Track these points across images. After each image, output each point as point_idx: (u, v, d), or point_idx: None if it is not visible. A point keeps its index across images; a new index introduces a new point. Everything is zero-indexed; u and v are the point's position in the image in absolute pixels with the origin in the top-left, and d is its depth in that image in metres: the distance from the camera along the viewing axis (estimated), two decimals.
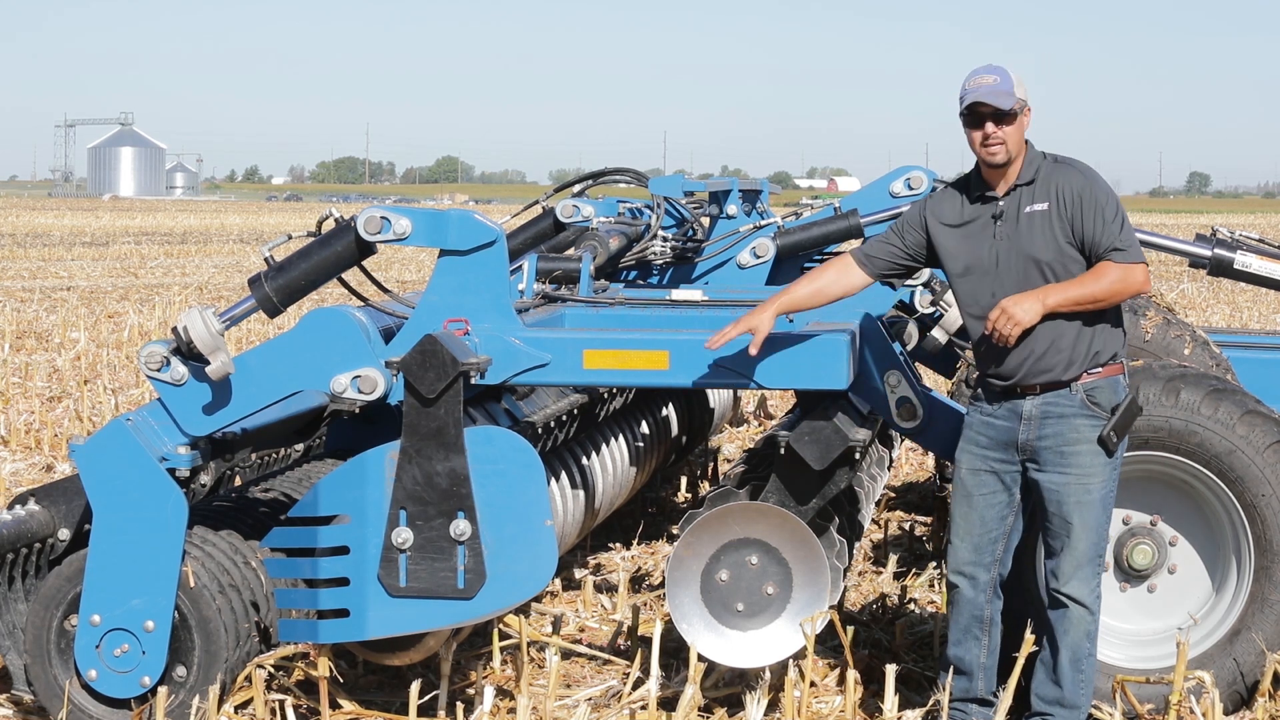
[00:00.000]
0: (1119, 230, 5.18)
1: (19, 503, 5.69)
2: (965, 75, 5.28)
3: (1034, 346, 5.18)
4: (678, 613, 5.65)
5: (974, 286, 5.29)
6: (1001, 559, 5.39)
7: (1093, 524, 5.25)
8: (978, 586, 5.39)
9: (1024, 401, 5.25)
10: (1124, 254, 5.16)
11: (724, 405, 10.17)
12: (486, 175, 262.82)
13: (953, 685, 5.47)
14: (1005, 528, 5.36)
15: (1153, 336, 7.31)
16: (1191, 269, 9.22)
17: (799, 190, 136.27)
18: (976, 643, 5.44)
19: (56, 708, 5.49)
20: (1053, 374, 5.21)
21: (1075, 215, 5.19)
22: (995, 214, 5.26)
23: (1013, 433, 5.27)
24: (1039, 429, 5.24)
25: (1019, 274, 5.21)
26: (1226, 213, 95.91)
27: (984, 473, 5.33)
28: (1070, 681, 5.33)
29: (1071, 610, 5.30)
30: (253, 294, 5.65)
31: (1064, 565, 5.28)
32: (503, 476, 5.24)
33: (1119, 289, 5.17)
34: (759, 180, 9.75)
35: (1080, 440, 5.22)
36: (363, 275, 5.93)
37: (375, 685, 6.15)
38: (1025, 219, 5.22)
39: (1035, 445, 5.25)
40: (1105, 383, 5.24)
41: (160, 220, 66.57)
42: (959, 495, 5.39)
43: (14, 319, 20.33)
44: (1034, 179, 5.25)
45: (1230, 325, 20.25)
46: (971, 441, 5.37)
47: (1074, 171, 5.26)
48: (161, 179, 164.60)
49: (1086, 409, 5.21)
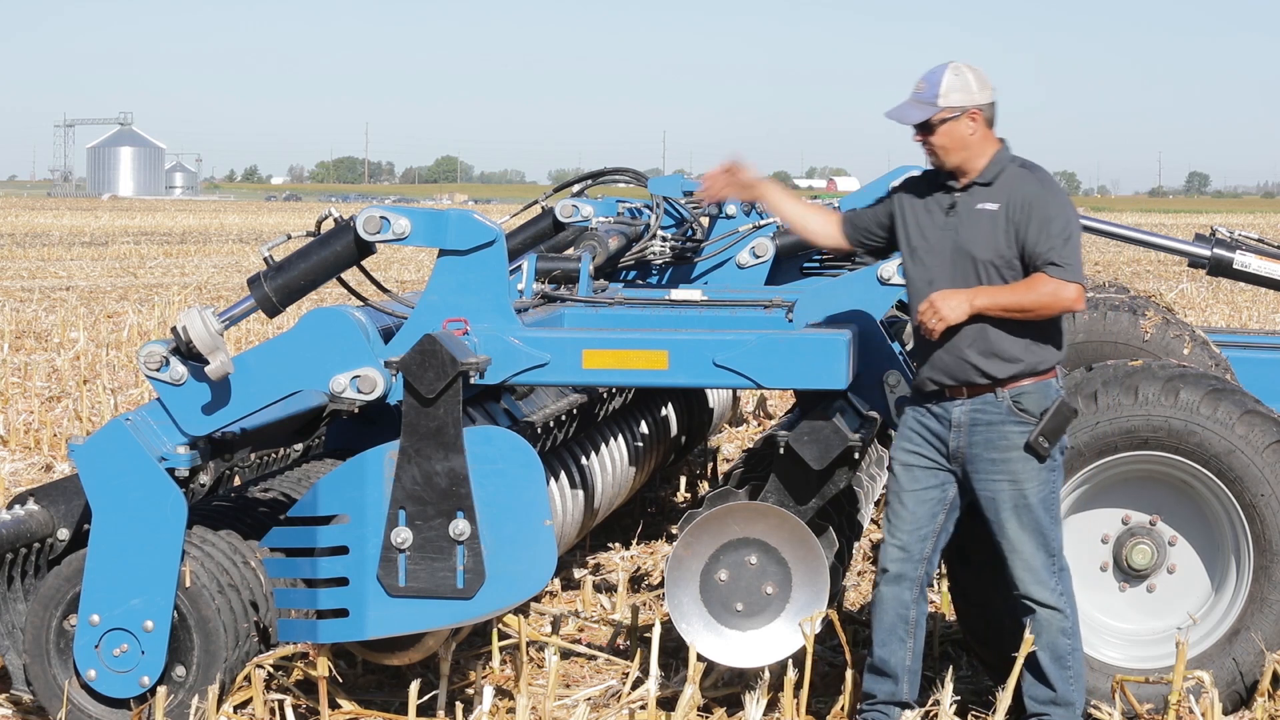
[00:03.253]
0: (1061, 246, 5.15)
1: (18, 503, 5.69)
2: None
3: (959, 346, 5.19)
4: (677, 612, 5.65)
5: (917, 273, 5.33)
6: (929, 558, 5.39)
7: (1033, 527, 5.25)
8: (904, 584, 5.38)
9: (953, 407, 5.26)
10: (1060, 270, 5.14)
11: (723, 405, 10.17)
12: (486, 175, 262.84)
13: (877, 688, 5.44)
14: (936, 526, 5.36)
15: (1152, 336, 7.31)
16: (1191, 269, 9.22)
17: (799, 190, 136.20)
18: (901, 645, 5.41)
19: (56, 707, 5.49)
20: (973, 377, 5.21)
21: (1022, 221, 5.18)
22: (950, 204, 5.29)
23: (944, 438, 5.29)
24: (969, 436, 5.25)
25: (954, 267, 5.23)
26: (1226, 213, 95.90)
27: (917, 469, 5.34)
28: (1059, 680, 5.32)
29: (1039, 614, 5.30)
30: (252, 294, 5.64)
31: (1016, 571, 5.30)
32: (502, 476, 5.24)
33: (1048, 303, 5.16)
34: None
35: (1010, 447, 5.22)
36: (362, 275, 5.93)
37: (375, 685, 6.15)
38: (974, 215, 5.24)
39: (967, 453, 5.26)
40: (1034, 388, 5.22)
41: (159, 220, 66.56)
42: (891, 491, 5.41)
43: (13, 319, 20.31)
44: (993, 181, 5.25)
45: (1230, 325, 20.24)
46: (905, 439, 5.38)
47: (1033, 180, 5.25)
48: (161, 179, 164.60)
49: (1014, 415, 5.21)
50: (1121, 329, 7.38)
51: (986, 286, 5.19)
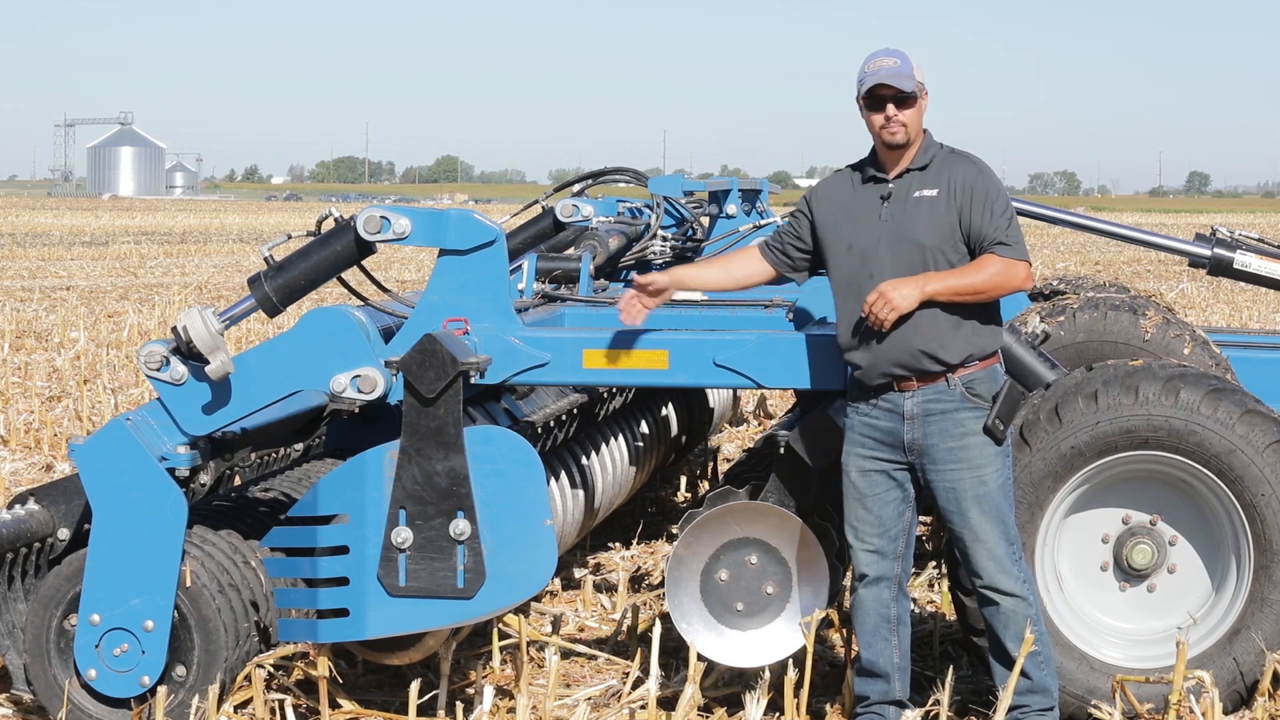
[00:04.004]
0: (1006, 225, 5.19)
1: (18, 502, 5.69)
2: (862, 60, 5.28)
3: (908, 335, 5.15)
4: (677, 612, 5.65)
5: (854, 269, 5.25)
6: (904, 555, 5.38)
7: (995, 514, 5.25)
8: (882, 585, 5.37)
9: (904, 399, 5.22)
10: (1008, 249, 5.17)
11: (724, 405, 10.17)
12: (486, 175, 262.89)
13: (870, 690, 5.44)
14: (904, 524, 5.35)
15: (1152, 336, 7.30)
16: (1191, 269, 9.22)
17: (799, 190, 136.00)
18: (886, 643, 5.41)
19: (56, 707, 5.49)
20: (926, 365, 5.17)
21: (965, 205, 5.19)
22: (884, 194, 5.26)
23: (897, 433, 5.24)
24: (923, 427, 5.21)
25: (899, 257, 5.19)
26: (1226, 212, 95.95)
27: (874, 473, 5.30)
28: (1034, 668, 5.32)
29: (1005, 604, 5.29)
30: (252, 293, 5.65)
31: (980, 562, 5.27)
32: (502, 476, 5.24)
33: (999, 282, 5.17)
34: (759, 180, 9.77)
35: (967, 434, 5.21)
36: (362, 275, 5.93)
37: (375, 685, 6.15)
38: (913, 203, 5.22)
39: (923, 444, 5.23)
40: (984, 373, 5.23)
41: (160, 220, 66.57)
42: (851, 498, 5.35)
43: (14, 318, 20.32)
44: (927, 165, 5.25)
45: (1230, 325, 20.24)
46: (856, 444, 5.32)
47: (968, 163, 5.27)
48: (161, 178, 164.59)
49: (967, 401, 5.20)
50: (1122, 329, 7.37)
51: (936, 272, 5.15)
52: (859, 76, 5.26)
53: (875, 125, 5.24)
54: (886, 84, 5.18)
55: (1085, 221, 8.89)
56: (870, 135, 5.30)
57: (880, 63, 5.22)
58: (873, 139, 5.30)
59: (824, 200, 5.38)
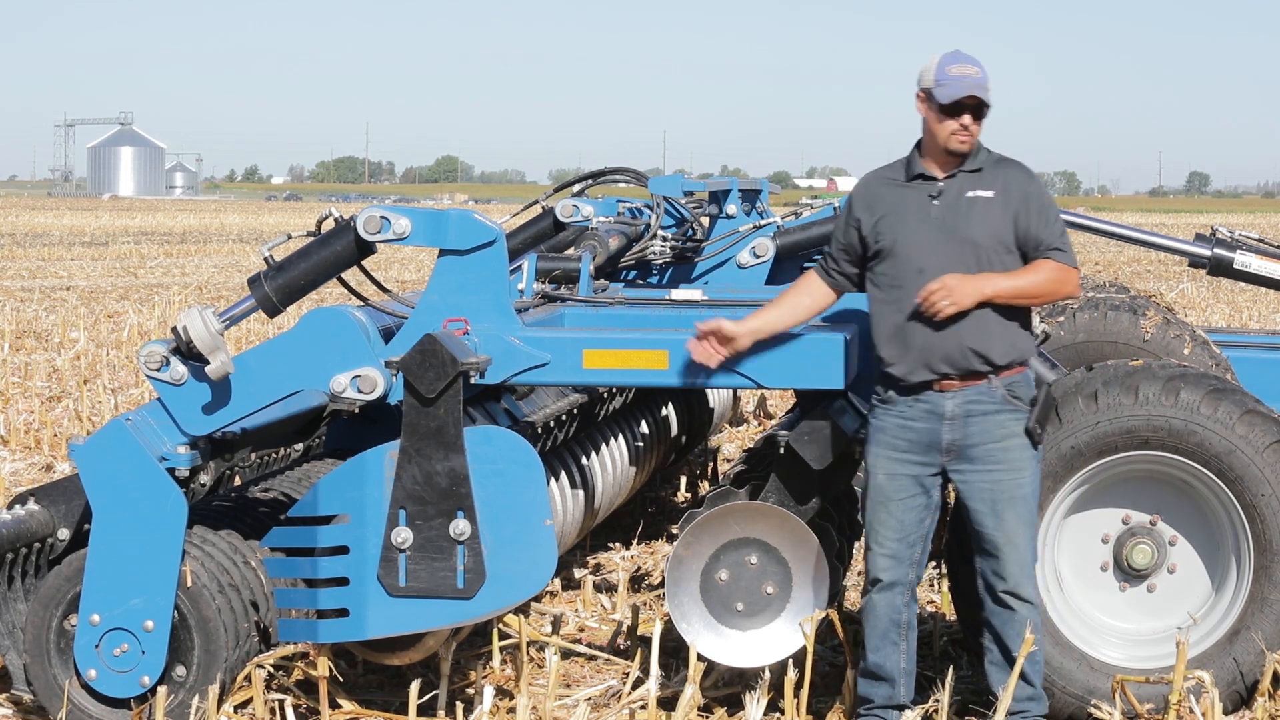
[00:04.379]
0: (1059, 232, 5.24)
1: (19, 502, 5.69)
2: (937, 59, 5.21)
3: (959, 334, 5.15)
4: (677, 612, 5.65)
5: (900, 265, 5.22)
6: (919, 561, 5.38)
7: (1028, 519, 5.27)
8: (896, 590, 5.36)
9: (944, 400, 5.21)
10: (1063, 255, 5.21)
11: (724, 405, 10.17)
12: (486, 175, 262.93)
13: (874, 693, 5.43)
14: (924, 530, 5.35)
15: (1152, 336, 7.31)
16: (1191, 269, 9.22)
17: (799, 190, 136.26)
18: (895, 648, 5.40)
19: (56, 707, 5.49)
20: (975, 365, 5.17)
21: (1021, 210, 5.20)
22: (933, 193, 5.24)
23: (934, 434, 5.23)
24: (964, 428, 5.21)
25: (952, 254, 5.18)
26: (1226, 212, 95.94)
27: (902, 476, 5.29)
28: (1035, 675, 5.35)
29: (1021, 610, 5.30)
30: (252, 294, 5.65)
31: (1009, 566, 5.27)
32: (502, 476, 5.24)
33: (1054, 288, 5.22)
34: (759, 180, 9.75)
35: (1009, 435, 5.22)
36: (362, 275, 5.93)
37: (375, 685, 6.15)
38: (966, 202, 5.21)
39: (961, 445, 5.22)
40: (1020, 377, 5.27)
41: (160, 220, 66.57)
42: (875, 501, 5.32)
43: (14, 319, 20.32)
44: (980, 168, 5.25)
45: (1230, 325, 20.24)
46: (887, 446, 5.29)
47: (1021, 169, 5.31)
48: (161, 179, 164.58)
49: (1008, 404, 5.21)
50: (1122, 329, 7.38)
51: (995, 274, 5.15)
52: (935, 77, 5.18)
53: (946, 130, 5.19)
54: (975, 95, 5.15)
55: (1085, 221, 8.88)
56: (926, 134, 5.25)
57: (965, 70, 5.17)
58: (929, 140, 5.25)
59: (867, 201, 5.33)
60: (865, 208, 5.32)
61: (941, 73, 5.18)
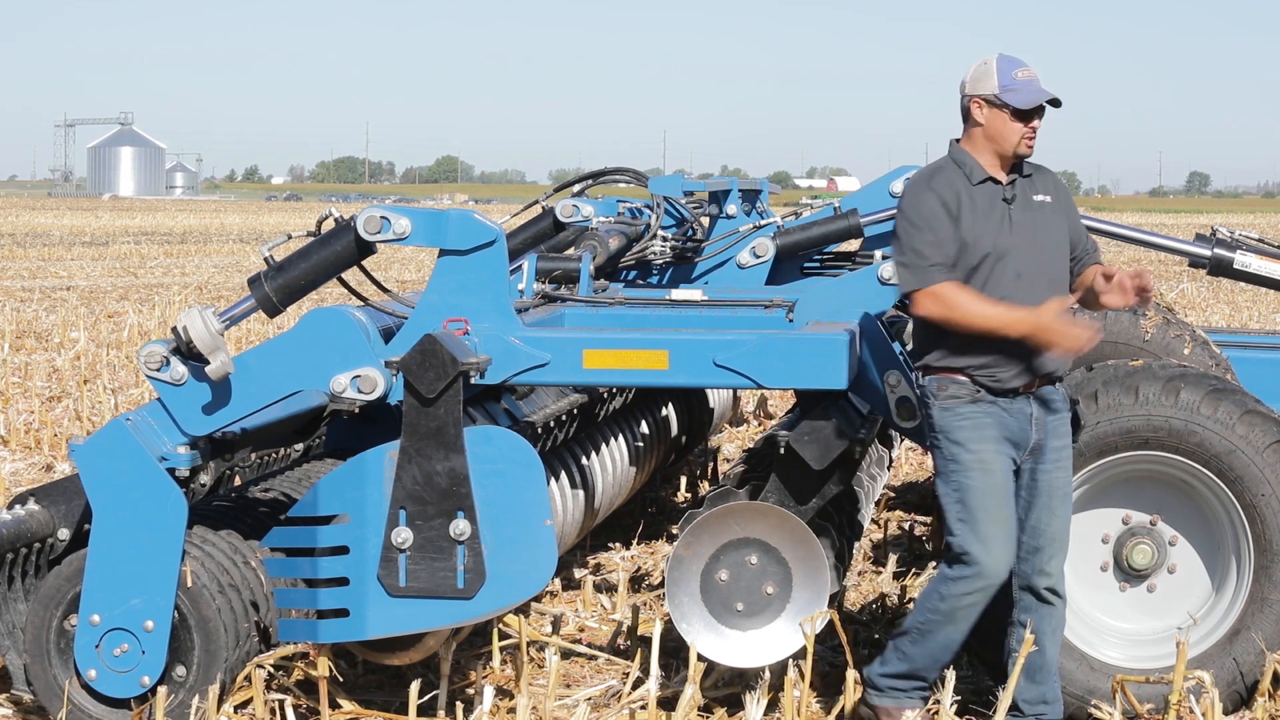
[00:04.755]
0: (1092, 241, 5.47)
1: (19, 502, 5.69)
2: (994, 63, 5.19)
3: None
4: (677, 612, 5.64)
5: (993, 269, 5.19)
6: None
7: (1071, 518, 5.40)
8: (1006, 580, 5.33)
9: (1030, 402, 5.27)
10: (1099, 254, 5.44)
11: (724, 405, 10.17)
12: (486, 175, 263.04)
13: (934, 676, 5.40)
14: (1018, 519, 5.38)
15: (1152, 336, 7.31)
16: (1191, 269, 9.22)
17: (799, 190, 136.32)
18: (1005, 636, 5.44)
19: (56, 707, 5.49)
20: (1063, 370, 5.35)
21: (1072, 214, 5.40)
22: (1006, 197, 5.26)
23: (1024, 433, 5.27)
24: (1045, 427, 5.30)
25: (1045, 256, 5.25)
26: (1226, 212, 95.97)
27: (1011, 469, 5.28)
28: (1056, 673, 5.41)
29: (1058, 605, 5.38)
30: (252, 294, 5.64)
31: (1055, 562, 5.35)
32: (502, 476, 5.23)
33: None
34: (759, 180, 9.75)
35: (1067, 434, 5.38)
36: (362, 275, 5.93)
37: (375, 685, 6.15)
38: (1036, 206, 5.29)
39: (1041, 443, 5.30)
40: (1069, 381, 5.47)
41: (160, 220, 66.58)
42: (990, 491, 5.20)
43: (14, 319, 20.32)
44: (1030, 173, 5.33)
45: (1230, 325, 20.24)
46: (993, 440, 5.22)
47: (1056, 176, 5.41)
48: (161, 179, 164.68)
49: (1068, 406, 5.39)
50: (1121, 329, 7.37)
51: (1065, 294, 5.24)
52: (1002, 82, 5.15)
53: (1017, 135, 5.18)
54: (1054, 101, 5.18)
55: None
56: (986, 138, 5.21)
57: (1029, 74, 5.20)
58: (988, 143, 5.23)
59: (953, 200, 5.20)
60: (950, 216, 5.19)
61: (1008, 78, 5.17)
